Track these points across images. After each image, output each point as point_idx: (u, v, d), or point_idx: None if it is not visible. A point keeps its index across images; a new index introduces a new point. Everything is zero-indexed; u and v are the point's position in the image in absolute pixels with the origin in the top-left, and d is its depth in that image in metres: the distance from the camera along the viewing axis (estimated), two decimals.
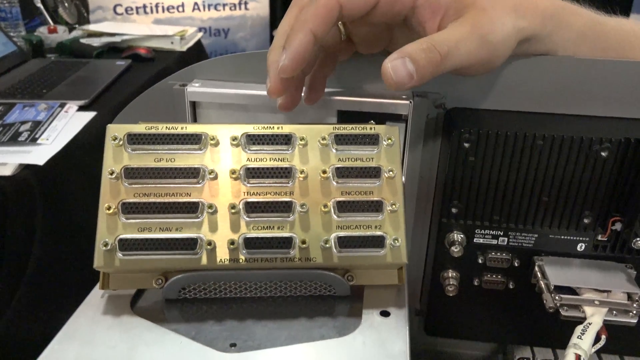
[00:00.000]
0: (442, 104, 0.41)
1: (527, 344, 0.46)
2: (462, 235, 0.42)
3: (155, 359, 0.27)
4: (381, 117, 0.40)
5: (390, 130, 0.32)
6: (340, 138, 0.32)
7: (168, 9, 2.22)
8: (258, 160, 0.31)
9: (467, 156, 0.38)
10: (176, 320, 0.31)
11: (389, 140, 0.32)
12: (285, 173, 0.31)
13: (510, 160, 0.39)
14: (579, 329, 0.36)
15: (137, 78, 1.38)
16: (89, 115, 1.11)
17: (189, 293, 0.32)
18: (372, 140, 0.32)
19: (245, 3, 2.30)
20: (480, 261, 0.42)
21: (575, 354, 0.34)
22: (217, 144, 0.32)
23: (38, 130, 0.99)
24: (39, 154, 0.92)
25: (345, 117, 0.41)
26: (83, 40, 1.59)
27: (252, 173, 0.31)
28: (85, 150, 1.03)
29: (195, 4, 2.24)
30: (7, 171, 0.86)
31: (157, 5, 2.20)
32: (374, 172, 0.32)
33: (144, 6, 2.19)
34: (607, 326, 0.37)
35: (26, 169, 0.88)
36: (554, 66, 0.38)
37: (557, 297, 0.38)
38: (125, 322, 0.30)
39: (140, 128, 0.31)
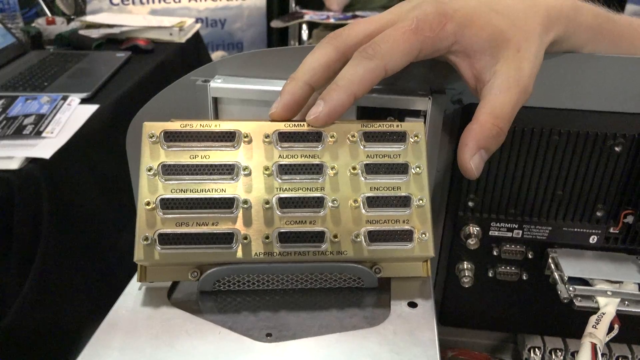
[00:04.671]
0: (459, 100, 0.42)
1: (538, 333, 0.48)
2: (477, 228, 0.43)
3: (196, 348, 0.29)
4: (400, 113, 0.41)
5: (416, 127, 0.34)
6: (369, 135, 0.33)
7: None
8: (290, 156, 0.32)
9: None
10: (211, 311, 0.32)
11: (416, 137, 0.33)
12: (316, 169, 0.32)
13: (526, 155, 0.40)
14: (593, 319, 0.37)
15: (138, 70, 1.38)
16: (92, 108, 1.11)
17: (223, 285, 0.33)
18: (399, 137, 0.33)
19: None
20: (495, 253, 0.43)
21: (592, 342, 0.35)
22: (250, 141, 0.32)
23: (42, 124, 1.00)
24: (45, 147, 0.92)
25: (365, 112, 0.42)
26: (81, 32, 1.59)
27: (284, 169, 0.32)
28: (89, 143, 1.03)
29: None
30: (14, 165, 0.86)
31: None
32: (401, 169, 0.33)
33: None
34: (618, 316, 0.38)
35: (32, 162, 0.88)
36: (569, 64, 0.39)
37: (571, 288, 0.39)
38: (164, 312, 0.31)
39: (175, 126, 0.32)
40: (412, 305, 0.33)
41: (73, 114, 1.07)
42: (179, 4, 2.23)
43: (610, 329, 0.37)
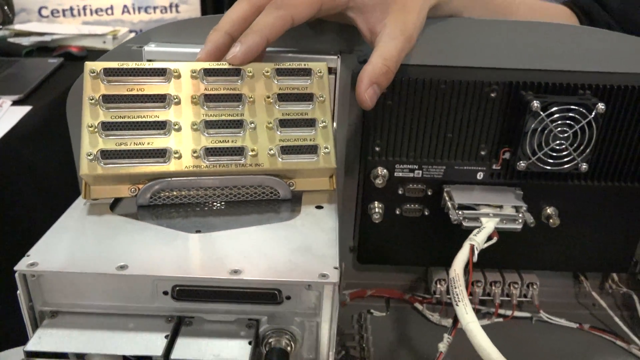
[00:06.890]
0: (365, 60, 0.48)
1: (442, 265, 0.55)
2: (385, 170, 0.49)
3: (136, 241, 0.33)
4: None
5: (320, 66, 0.40)
6: (281, 71, 0.40)
7: (96, 11, 2.21)
8: (214, 89, 0.38)
9: (386, 100, 0.46)
10: (148, 219, 0.37)
11: (319, 73, 0.40)
12: (236, 98, 0.38)
13: (420, 104, 0.47)
14: (475, 230, 0.45)
15: (71, 75, 1.38)
16: (25, 109, 1.11)
17: (158, 199, 0.38)
18: (306, 72, 0.40)
19: (177, 6, 2.33)
20: (400, 192, 0.50)
21: (470, 244, 0.42)
22: (179, 77, 0.38)
23: None
24: None
25: None
26: (10, 40, 1.57)
27: (209, 98, 0.38)
28: (23, 143, 1.03)
29: (125, 6, 2.24)
30: None
31: (84, 8, 2.18)
32: (308, 97, 0.40)
33: (71, 9, 2.17)
34: (500, 237, 0.45)
35: None
36: (453, 27, 0.46)
37: (460, 212, 0.46)
38: (107, 219, 0.36)
39: (113, 64, 0.37)
40: (319, 207, 0.39)
41: (4, 115, 1.08)
42: (112, 16, 2.23)
43: (489, 239, 0.44)
